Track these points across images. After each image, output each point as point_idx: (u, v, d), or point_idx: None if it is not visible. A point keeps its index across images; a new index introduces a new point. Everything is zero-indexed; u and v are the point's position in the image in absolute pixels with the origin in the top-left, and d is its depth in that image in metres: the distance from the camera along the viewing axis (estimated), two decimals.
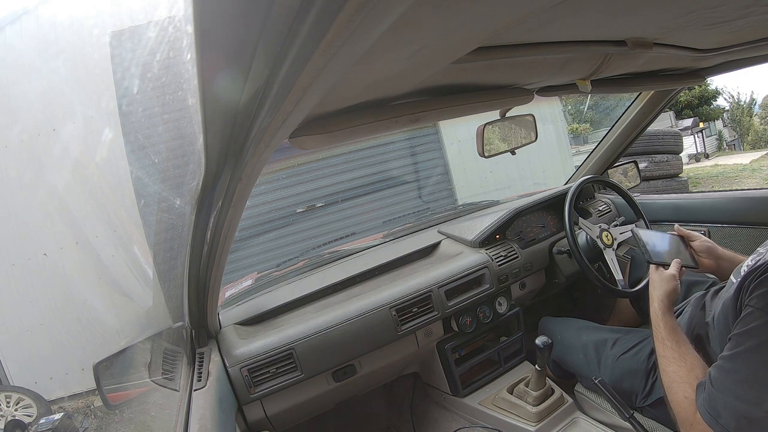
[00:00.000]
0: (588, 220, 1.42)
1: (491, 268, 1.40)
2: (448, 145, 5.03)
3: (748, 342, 0.68)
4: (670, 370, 0.84)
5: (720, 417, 0.70)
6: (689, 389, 0.79)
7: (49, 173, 3.99)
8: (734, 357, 0.70)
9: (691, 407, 0.77)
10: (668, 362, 0.86)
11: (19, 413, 3.50)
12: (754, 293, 0.72)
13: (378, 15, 0.32)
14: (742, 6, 0.71)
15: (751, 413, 0.66)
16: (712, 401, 0.72)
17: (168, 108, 3.67)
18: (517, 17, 0.53)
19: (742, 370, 0.69)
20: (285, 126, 0.49)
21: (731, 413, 0.69)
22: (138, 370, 1.10)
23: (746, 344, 0.69)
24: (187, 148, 3.02)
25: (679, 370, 0.83)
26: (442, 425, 1.41)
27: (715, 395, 0.72)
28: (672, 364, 0.85)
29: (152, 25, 3.39)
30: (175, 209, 1.54)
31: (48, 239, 4.00)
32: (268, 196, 4.48)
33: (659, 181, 4.98)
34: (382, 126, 0.75)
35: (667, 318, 0.91)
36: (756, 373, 0.67)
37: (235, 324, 1.26)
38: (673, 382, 0.83)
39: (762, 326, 0.67)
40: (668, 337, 0.88)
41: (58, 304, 3.97)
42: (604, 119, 12.15)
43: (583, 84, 1.01)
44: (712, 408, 0.72)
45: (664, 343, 0.88)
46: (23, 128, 3.95)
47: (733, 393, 0.69)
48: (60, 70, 3.92)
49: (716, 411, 0.71)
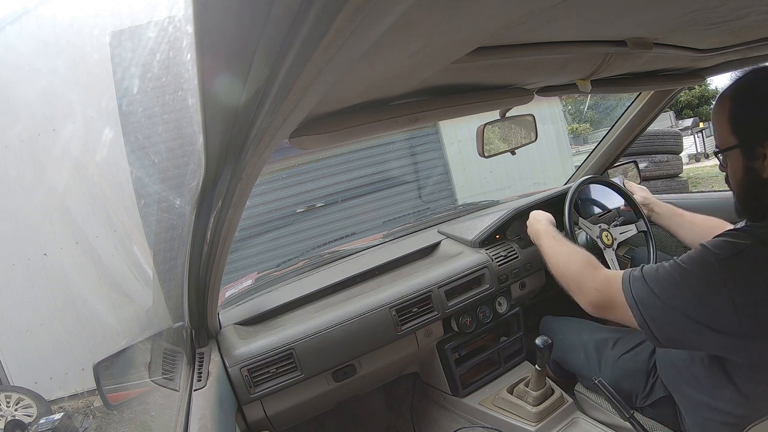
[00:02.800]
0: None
1: (491, 268, 1.40)
2: (448, 145, 5.04)
3: (687, 265, 0.76)
4: (573, 263, 1.00)
5: (633, 291, 0.81)
6: (595, 266, 0.95)
7: (49, 173, 3.99)
8: (670, 267, 0.79)
9: (605, 280, 0.90)
10: (568, 261, 1.02)
11: (19, 413, 3.50)
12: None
13: (378, 15, 0.32)
14: (742, 6, 0.71)
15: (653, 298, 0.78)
16: (634, 280, 0.82)
17: (168, 108, 3.67)
18: (517, 17, 0.53)
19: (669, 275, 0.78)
20: (285, 126, 0.49)
21: (643, 293, 0.80)
22: (138, 370, 1.11)
23: (685, 264, 0.76)
24: (187, 148, 3.03)
25: (580, 258, 1.00)
26: (442, 425, 1.41)
27: (640, 278, 0.82)
28: (572, 261, 1.01)
29: (152, 25, 3.40)
30: (175, 209, 1.54)
31: (48, 239, 4.00)
32: (268, 196, 4.49)
33: (659, 181, 4.98)
34: (382, 126, 0.75)
35: (553, 236, 1.15)
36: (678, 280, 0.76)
37: (235, 324, 1.26)
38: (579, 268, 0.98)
39: (701, 258, 0.75)
40: (558, 245, 1.11)
41: (58, 304, 3.97)
42: (604, 119, 12.15)
43: (583, 84, 1.00)
44: (632, 282, 0.82)
45: (560, 252, 1.08)
46: (23, 128, 3.95)
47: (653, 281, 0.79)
48: (60, 70, 3.92)
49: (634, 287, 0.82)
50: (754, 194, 0.78)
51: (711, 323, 0.72)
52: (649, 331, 0.79)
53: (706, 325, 0.72)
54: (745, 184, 0.79)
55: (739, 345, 0.73)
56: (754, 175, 0.76)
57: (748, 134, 0.76)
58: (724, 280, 0.71)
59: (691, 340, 0.76)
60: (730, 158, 0.80)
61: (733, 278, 0.70)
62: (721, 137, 0.80)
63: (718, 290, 0.71)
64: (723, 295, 0.70)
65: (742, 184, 0.80)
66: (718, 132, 0.80)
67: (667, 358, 0.98)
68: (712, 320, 0.72)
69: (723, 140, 0.80)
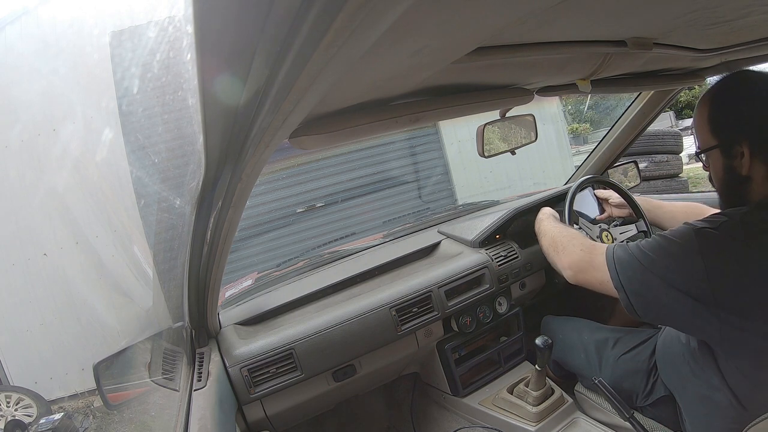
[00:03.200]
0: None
1: (491, 268, 1.40)
2: (448, 145, 5.03)
3: (668, 234, 0.81)
4: (565, 234, 1.10)
5: (615, 254, 0.87)
6: (583, 246, 1.01)
7: (49, 173, 3.99)
8: (653, 238, 0.84)
9: (591, 245, 0.98)
10: (560, 233, 1.12)
11: (19, 413, 3.50)
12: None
13: (378, 15, 0.32)
14: (742, 6, 0.71)
15: (635, 264, 0.83)
16: (618, 247, 0.88)
17: (168, 108, 3.67)
18: (517, 17, 0.53)
19: (650, 243, 0.83)
20: (285, 126, 0.49)
21: (623, 256, 0.85)
22: (138, 370, 1.11)
23: (667, 234, 0.82)
24: (187, 148, 3.03)
25: (574, 232, 1.12)
26: (442, 425, 1.41)
27: (624, 245, 0.88)
28: (564, 233, 1.11)
29: (152, 25, 3.40)
30: (175, 209, 1.54)
31: (48, 239, 3.99)
32: (268, 196, 4.49)
33: (659, 181, 4.97)
34: (382, 126, 0.75)
35: (555, 219, 1.24)
36: (656, 247, 0.81)
37: (235, 324, 1.26)
38: (571, 237, 1.07)
39: (682, 229, 0.80)
40: (557, 225, 1.19)
41: (58, 304, 3.97)
42: (604, 119, 12.13)
43: (583, 84, 1.01)
44: (616, 247, 0.88)
45: (556, 227, 1.16)
46: (23, 128, 3.95)
47: (634, 247, 0.85)
48: (60, 70, 3.92)
49: (616, 251, 0.88)
50: (735, 191, 0.83)
51: (684, 287, 0.76)
52: (624, 294, 0.83)
53: (679, 289, 0.76)
54: (726, 181, 0.84)
55: (712, 318, 0.75)
56: (734, 172, 0.80)
57: (726, 134, 0.80)
58: (699, 247, 0.75)
59: (665, 306, 0.79)
60: (712, 158, 0.84)
61: (707, 246, 0.75)
62: (701, 138, 0.85)
63: (693, 257, 0.75)
64: (697, 261, 0.75)
65: (723, 182, 0.84)
66: (699, 134, 0.86)
67: (668, 358, 0.98)
68: (685, 285, 0.76)
69: (703, 141, 0.85)
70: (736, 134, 0.79)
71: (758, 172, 0.78)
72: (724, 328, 0.74)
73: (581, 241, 1.03)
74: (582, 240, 1.04)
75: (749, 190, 0.80)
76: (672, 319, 0.81)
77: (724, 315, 0.74)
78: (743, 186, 0.80)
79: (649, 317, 0.83)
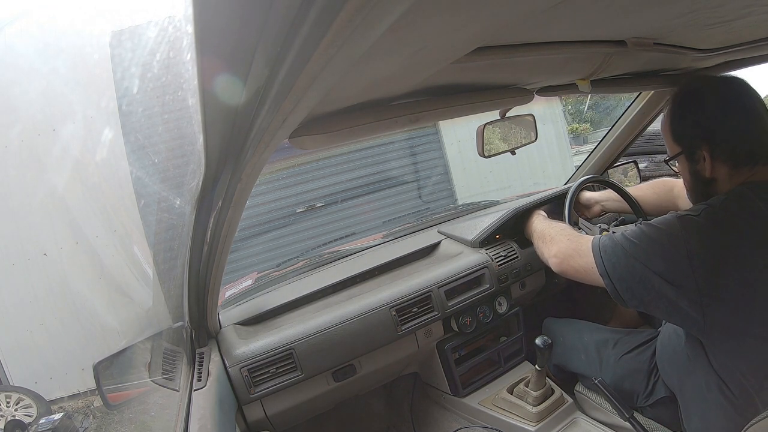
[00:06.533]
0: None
1: (491, 268, 1.40)
2: (448, 145, 5.03)
3: (653, 222, 0.84)
4: (555, 227, 1.15)
5: (600, 242, 0.90)
6: (569, 236, 1.05)
7: (49, 173, 3.99)
8: (637, 227, 0.87)
9: (579, 235, 1.03)
10: (550, 226, 1.17)
11: (19, 413, 3.50)
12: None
13: (378, 15, 0.32)
14: (742, 6, 0.71)
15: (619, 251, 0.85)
16: (604, 237, 0.91)
17: (168, 108, 3.67)
18: (517, 17, 0.53)
19: (634, 231, 0.86)
20: (285, 126, 0.49)
21: (609, 243, 0.88)
22: (138, 370, 1.11)
23: (651, 222, 0.84)
24: (187, 148, 3.03)
25: (565, 225, 1.16)
26: (442, 425, 1.41)
27: (609, 235, 0.91)
28: (554, 226, 1.16)
29: (152, 25, 3.40)
30: (175, 209, 1.54)
31: (48, 239, 3.99)
32: (268, 196, 4.49)
33: None
34: (382, 126, 0.75)
35: (544, 221, 1.26)
36: (640, 234, 0.84)
37: (235, 324, 1.26)
38: (560, 229, 1.12)
39: (665, 217, 0.83)
40: (548, 222, 1.23)
41: (58, 304, 3.97)
42: (604, 119, 12.13)
43: (583, 84, 1.01)
44: (602, 237, 0.91)
45: (548, 227, 1.17)
46: (23, 128, 3.94)
47: (620, 236, 0.87)
48: (60, 70, 3.91)
49: (602, 239, 0.91)
50: (704, 191, 0.88)
51: (667, 274, 0.78)
52: (609, 281, 0.85)
53: (662, 275, 0.78)
54: (694, 184, 0.89)
55: (694, 305, 0.76)
56: (700, 175, 0.86)
57: (687, 141, 0.86)
58: (682, 232, 0.79)
59: (648, 292, 0.80)
60: (680, 164, 0.91)
61: (689, 232, 0.78)
62: (668, 147, 0.91)
63: (676, 242, 0.78)
64: (680, 247, 0.78)
65: (691, 185, 0.90)
66: (666, 143, 0.92)
67: (669, 358, 0.98)
68: (668, 270, 0.78)
69: (670, 149, 0.91)
70: (695, 140, 0.84)
71: (721, 172, 0.83)
72: (707, 314, 0.76)
73: (569, 233, 1.08)
74: (569, 231, 1.09)
75: (716, 189, 0.85)
76: (656, 306, 0.82)
77: (706, 301, 0.75)
78: (710, 187, 0.86)
79: (633, 304, 0.85)
